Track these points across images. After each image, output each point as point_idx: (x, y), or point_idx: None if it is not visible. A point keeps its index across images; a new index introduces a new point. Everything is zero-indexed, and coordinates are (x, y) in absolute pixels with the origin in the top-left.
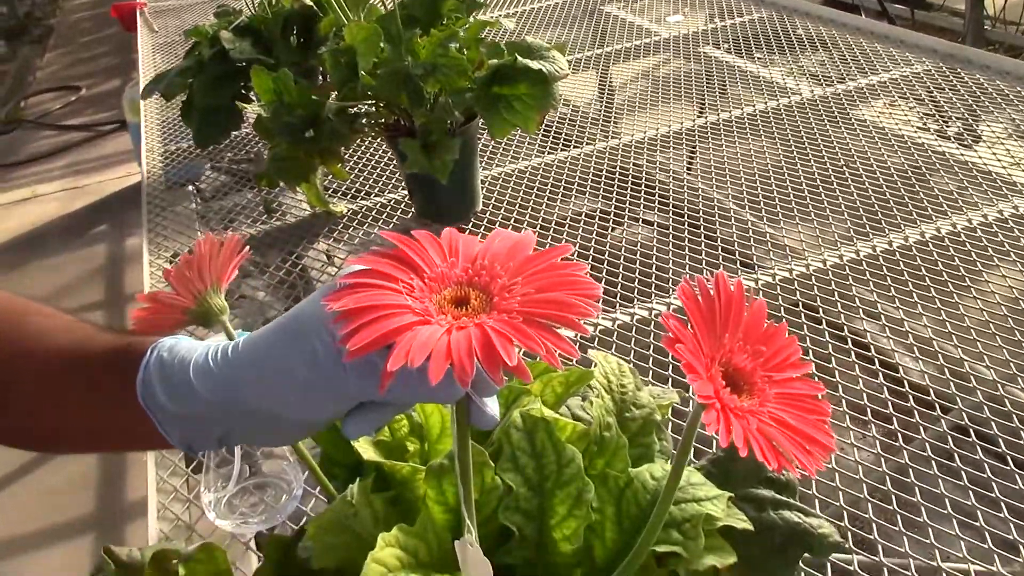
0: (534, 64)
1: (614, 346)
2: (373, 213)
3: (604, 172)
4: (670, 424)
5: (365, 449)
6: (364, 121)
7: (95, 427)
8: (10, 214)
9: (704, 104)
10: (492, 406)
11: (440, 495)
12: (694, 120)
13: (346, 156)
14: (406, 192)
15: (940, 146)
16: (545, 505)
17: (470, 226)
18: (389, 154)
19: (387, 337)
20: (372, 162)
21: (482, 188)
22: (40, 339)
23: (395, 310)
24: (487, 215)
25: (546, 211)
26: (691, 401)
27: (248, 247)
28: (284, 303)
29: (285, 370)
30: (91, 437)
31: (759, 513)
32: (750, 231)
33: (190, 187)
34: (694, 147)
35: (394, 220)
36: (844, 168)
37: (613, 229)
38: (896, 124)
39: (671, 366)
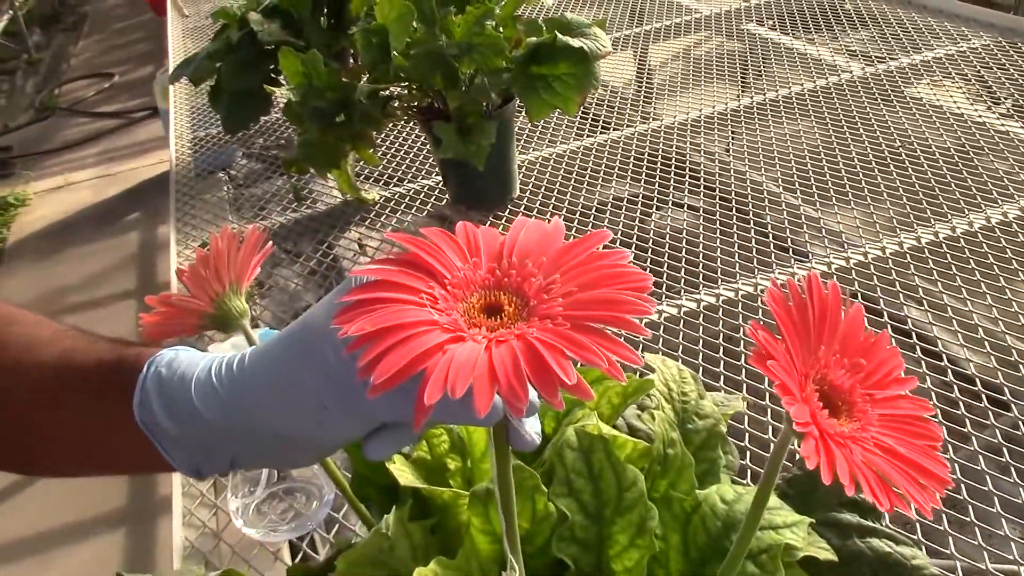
0: (575, 42)
1: (661, 340)
2: (406, 200)
3: (643, 155)
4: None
5: (401, 472)
6: (396, 104)
7: (90, 451)
8: (44, 202)
9: (746, 84)
10: (532, 425)
11: (486, 523)
12: (737, 101)
13: (378, 141)
14: (440, 178)
15: (1000, 124)
16: (604, 534)
17: (507, 213)
18: (422, 139)
19: (417, 363)
20: (405, 147)
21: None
22: (27, 351)
23: (421, 327)
24: (524, 201)
25: (585, 196)
26: (766, 410)
27: (271, 241)
28: (316, 292)
29: (297, 389)
30: (87, 462)
31: (843, 541)
32: (801, 217)
33: (221, 174)
34: (736, 129)
35: (428, 208)
36: (895, 150)
37: (652, 214)
38: (951, 102)
39: (722, 362)
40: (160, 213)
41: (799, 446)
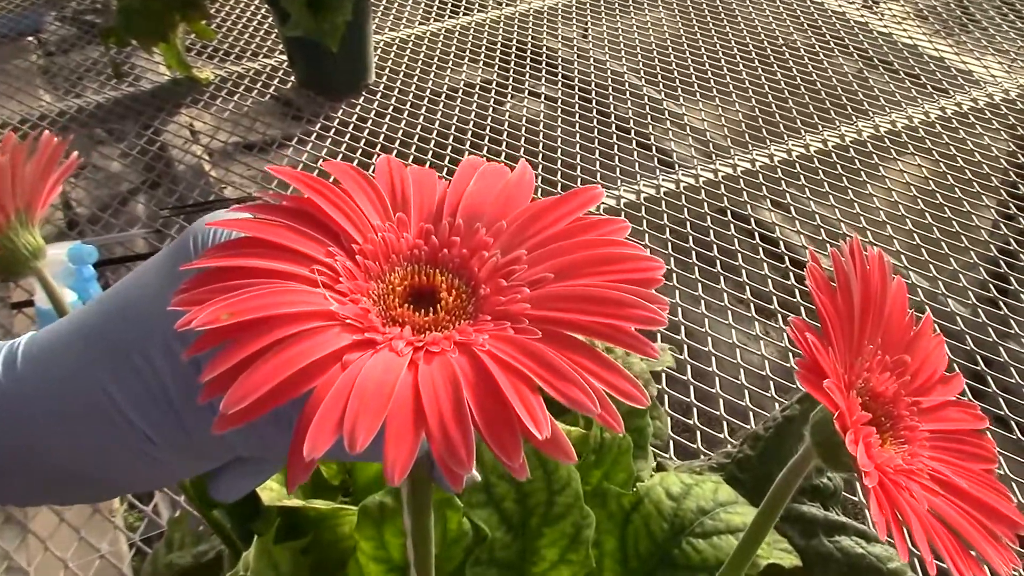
0: None
1: None
2: (246, 81)
3: (497, 40)
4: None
5: (265, 487)
6: None
7: None
8: None
9: None
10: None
11: (379, 549)
12: None
13: (213, 11)
14: (284, 57)
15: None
16: (528, 549)
17: (361, 100)
18: (264, 9)
19: (298, 382)
20: (244, 19)
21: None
22: None
23: (308, 321)
24: (381, 88)
25: (435, 81)
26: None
27: (76, 153)
28: (140, 174)
29: (100, 413)
30: None
31: (808, 540)
32: (665, 112)
33: (29, 39)
34: (595, 15)
35: (271, 90)
36: (761, 45)
37: (507, 102)
38: None
39: None
40: None
41: (863, 494)
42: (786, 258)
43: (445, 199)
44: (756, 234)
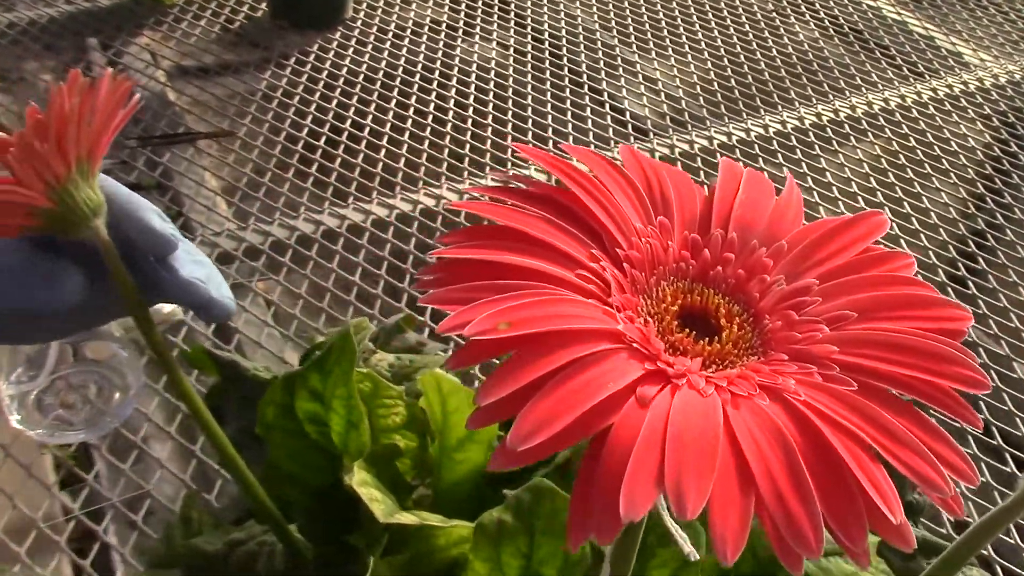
0: None
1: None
2: (212, 7)
3: None
4: None
5: (377, 500)
6: None
7: None
8: None
9: None
10: None
11: (495, 570)
12: None
13: None
14: None
15: None
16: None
17: (338, 36)
18: None
19: (588, 423)
20: None
21: None
22: None
23: (596, 344)
24: (358, 24)
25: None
26: None
27: (137, 95)
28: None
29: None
30: None
31: (906, 562)
32: (618, 59)
33: None
34: None
35: (239, 20)
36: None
37: (457, 45)
38: None
39: None
40: None
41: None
42: None
43: (711, 206)
44: None
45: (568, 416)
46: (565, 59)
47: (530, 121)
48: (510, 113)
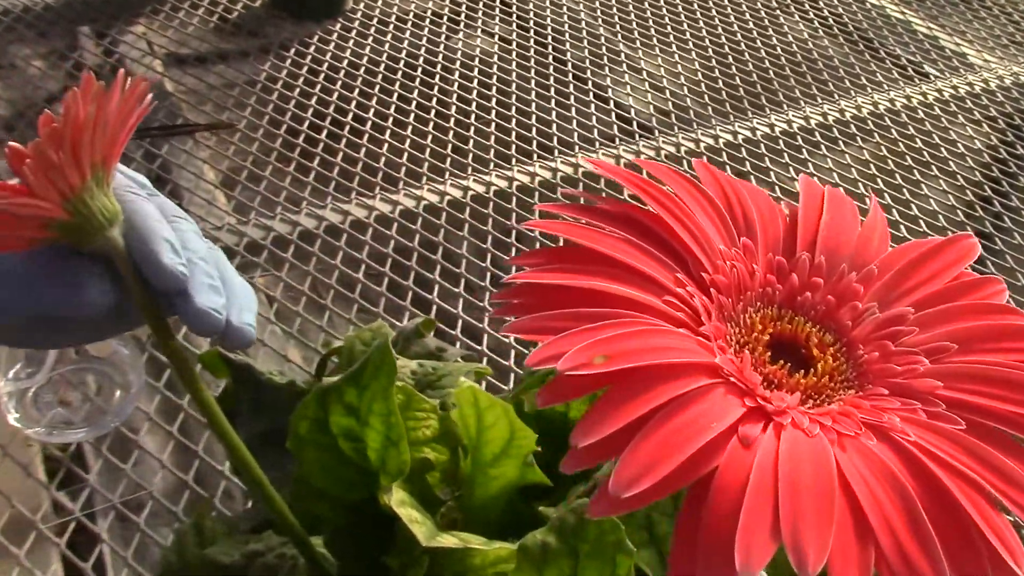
0: None
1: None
2: None
3: None
4: None
5: (418, 522)
6: None
7: None
8: None
9: None
10: None
11: None
12: None
13: None
14: None
15: None
16: None
17: (338, 27)
18: None
19: (692, 467)
20: None
21: None
22: None
23: (695, 380)
24: (358, 15)
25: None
26: None
27: (151, 95)
28: (62, 79)
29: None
30: None
31: None
32: (602, 49)
33: None
34: None
35: (237, 9)
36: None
37: (441, 36)
38: None
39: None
40: None
41: None
42: None
43: (796, 227)
44: None
45: (673, 460)
46: (568, 54)
47: (534, 117)
48: (513, 109)
